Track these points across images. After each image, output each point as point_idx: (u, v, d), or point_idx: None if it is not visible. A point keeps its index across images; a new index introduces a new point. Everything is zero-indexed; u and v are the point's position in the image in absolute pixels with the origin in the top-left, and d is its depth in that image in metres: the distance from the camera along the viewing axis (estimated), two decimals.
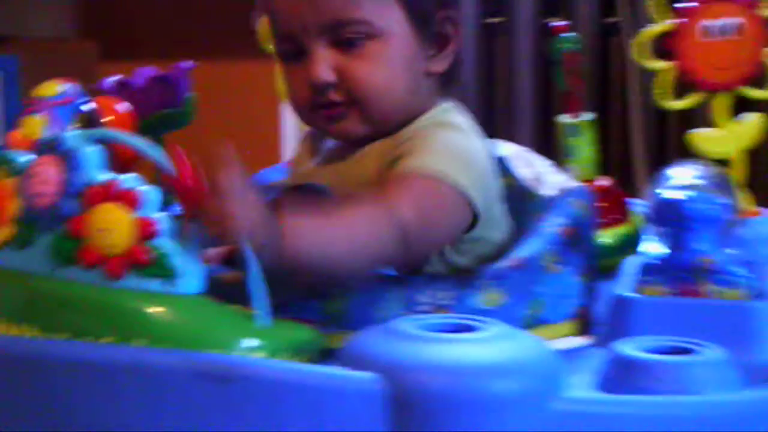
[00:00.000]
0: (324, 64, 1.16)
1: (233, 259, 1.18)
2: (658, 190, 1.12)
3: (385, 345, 0.89)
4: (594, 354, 1.07)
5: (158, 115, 1.48)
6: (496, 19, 2.49)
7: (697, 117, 2.36)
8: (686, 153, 2.45)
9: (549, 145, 2.48)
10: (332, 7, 1.17)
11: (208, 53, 2.48)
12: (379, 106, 1.18)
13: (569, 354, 1.06)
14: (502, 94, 2.48)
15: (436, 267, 1.16)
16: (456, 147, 1.15)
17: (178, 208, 0.97)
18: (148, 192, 0.94)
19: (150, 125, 1.45)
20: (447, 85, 1.25)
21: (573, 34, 1.39)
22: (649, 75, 2.42)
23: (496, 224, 1.21)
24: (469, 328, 0.92)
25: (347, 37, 1.17)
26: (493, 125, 2.49)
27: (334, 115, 1.18)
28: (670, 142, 2.45)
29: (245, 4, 1.29)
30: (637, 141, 2.36)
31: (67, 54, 2.28)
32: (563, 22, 1.39)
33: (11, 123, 1.85)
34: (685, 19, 1.25)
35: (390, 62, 1.18)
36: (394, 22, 1.18)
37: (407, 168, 1.12)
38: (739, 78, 1.32)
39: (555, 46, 1.38)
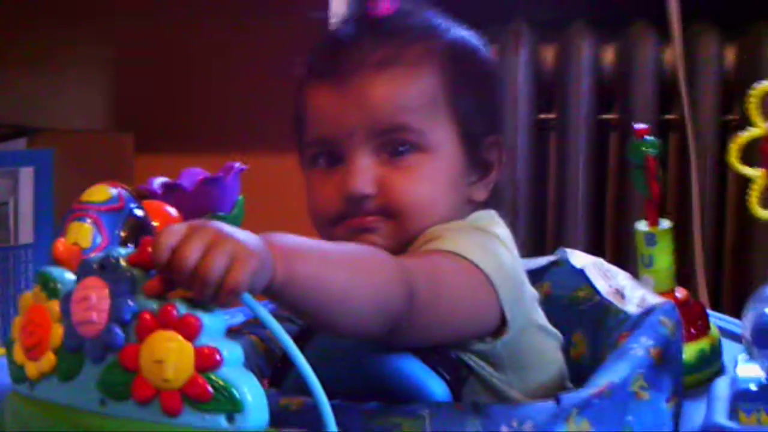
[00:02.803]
0: (366, 174, 1.08)
1: (281, 380, 1.10)
2: (761, 309, 1.03)
3: None
4: None
5: (207, 218, 1.40)
6: (548, 115, 2.44)
7: (756, 225, 2.30)
8: (744, 258, 2.42)
9: (601, 243, 2.41)
10: (387, 110, 1.09)
11: (243, 146, 2.43)
12: (416, 223, 1.09)
13: None
14: (554, 190, 2.42)
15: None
16: (487, 247, 1.06)
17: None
18: (208, 317, 0.84)
19: None
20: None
21: (653, 138, 1.30)
22: (707, 173, 2.42)
23: (540, 354, 1.12)
24: None
25: (395, 146, 1.09)
26: (544, 221, 2.42)
27: (363, 227, 1.09)
28: (728, 244, 2.38)
29: (281, 98, 1.22)
30: (697, 244, 2.28)
31: (103, 146, 2.25)
32: (645, 125, 1.30)
33: (46, 217, 1.81)
34: None
35: (434, 180, 1.10)
36: (446, 139, 1.11)
37: (428, 248, 1.04)
38: None
39: (637, 150, 1.29)
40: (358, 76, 1.09)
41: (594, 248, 2.26)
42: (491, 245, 1.07)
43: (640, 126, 1.31)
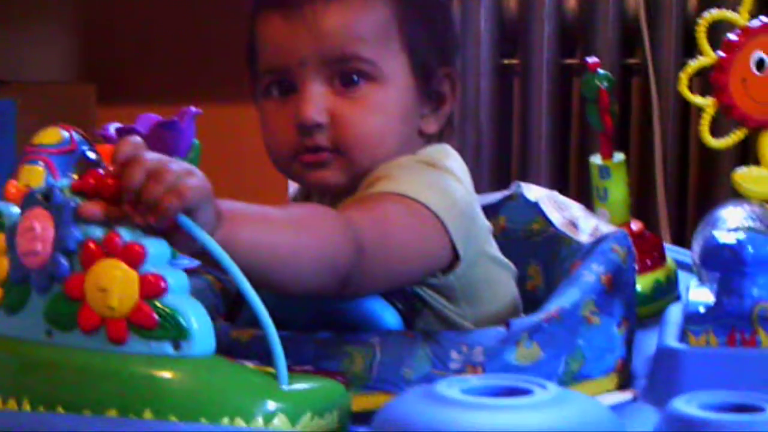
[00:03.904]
0: (317, 102, 1.08)
1: (235, 315, 1.11)
2: (708, 232, 1.04)
3: (426, 412, 0.79)
4: (639, 410, 1.01)
5: None
6: (511, 60, 2.44)
7: (718, 156, 2.32)
8: (707, 196, 2.45)
9: (565, 187, 2.43)
10: (338, 39, 1.08)
11: (207, 98, 2.42)
12: (367, 157, 1.09)
13: (615, 411, 0.98)
14: (518, 135, 2.43)
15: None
16: (438, 185, 1.07)
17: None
18: (153, 245, 0.84)
19: None
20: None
21: (606, 72, 1.30)
22: (670, 116, 2.43)
23: (493, 285, 1.13)
24: (517, 391, 0.82)
25: (348, 76, 1.09)
26: (508, 166, 2.44)
27: (315, 162, 1.09)
28: (690, 183, 2.40)
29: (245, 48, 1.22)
30: (659, 183, 2.30)
31: (65, 98, 2.25)
32: (596, 59, 1.30)
33: (6, 169, 1.80)
34: (729, 52, 1.17)
35: (387, 112, 1.10)
36: (398, 70, 1.11)
37: (377, 191, 1.04)
38: None
39: (590, 83, 1.30)
40: (310, 6, 1.08)
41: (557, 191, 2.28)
42: (442, 182, 1.07)
43: (592, 60, 1.31)
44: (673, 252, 1.43)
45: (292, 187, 1.26)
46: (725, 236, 1.01)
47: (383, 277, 1.01)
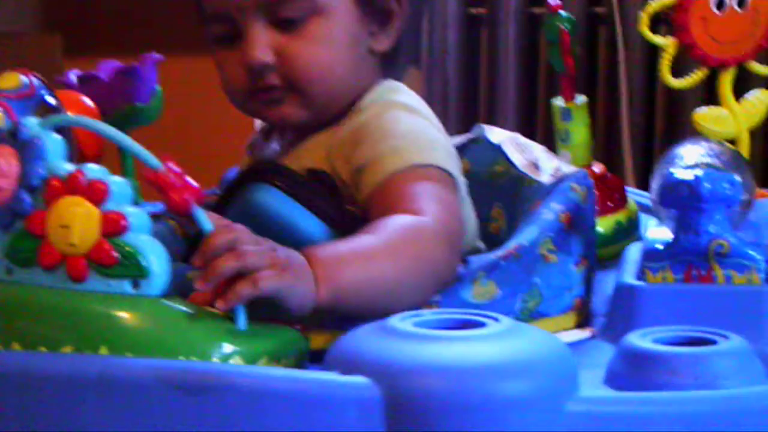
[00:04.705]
0: (261, 44, 1.09)
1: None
2: (665, 170, 1.04)
3: (378, 345, 0.80)
4: (597, 347, 1.02)
5: (124, 109, 1.40)
6: (479, 10, 2.44)
7: (684, 104, 2.33)
8: (673, 141, 2.45)
9: (533, 136, 2.44)
10: None
11: (173, 48, 2.42)
12: (319, 89, 1.11)
13: (572, 348, 0.99)
14: (485, 84, 2.43)
15: None
16: (416, 130, 1.09)
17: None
18: (116, 183, 0.85)
19: (115, 121, 1.37)
20: (390, 64, 1.18)
21: (568, 14, 1.31)
22: (636, 64, 2.44)
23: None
24: (470, 324, 0.83)
25: (287, 16, 1.10)
26: (476, 116, 2.44)
27: (271, 99, 1.11)
28: (656, 131, 2.41)
29: None
30: (624, 130, 2.31)
31: (31, 48, 2.24)
32: (558, 1, 1.30)
33: None
34: None
35: (332, 41, 1.11)
36: None
37: (390, 170, 1.05)
38: (745, 53, 1.25)
39: (552, 26, 1.30)
40: None
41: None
42: (422, 129, 1.10)
43: (554, 1, 1.31)
44: (635, 195, 1.44)
45: (258, 123, 1.27)
46: (682, 173, 1.01)
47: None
